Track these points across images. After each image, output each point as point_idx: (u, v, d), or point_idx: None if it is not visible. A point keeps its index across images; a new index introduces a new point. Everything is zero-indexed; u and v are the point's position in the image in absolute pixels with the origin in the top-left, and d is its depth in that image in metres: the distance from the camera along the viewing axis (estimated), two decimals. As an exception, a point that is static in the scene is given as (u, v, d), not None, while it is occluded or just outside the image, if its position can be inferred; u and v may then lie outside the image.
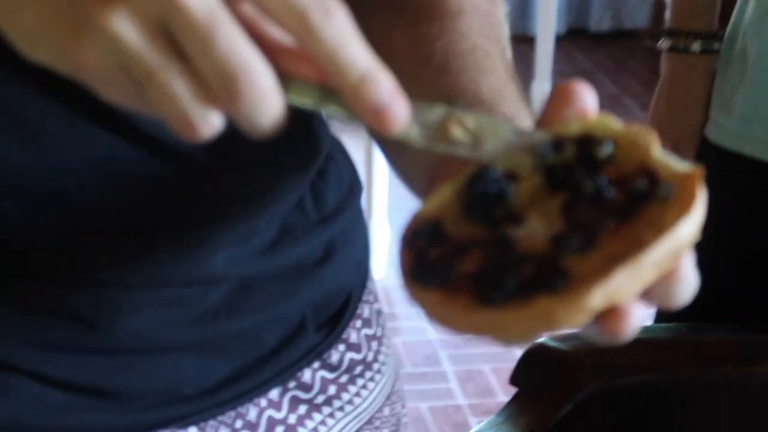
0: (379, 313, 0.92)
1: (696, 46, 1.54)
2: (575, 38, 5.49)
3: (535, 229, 0.52)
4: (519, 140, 0.54)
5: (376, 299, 0.93)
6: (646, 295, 0.52)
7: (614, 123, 0.55)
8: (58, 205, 0.72)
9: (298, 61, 0.52)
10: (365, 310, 0.90)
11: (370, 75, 0.50)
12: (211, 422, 0.80)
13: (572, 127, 0.55)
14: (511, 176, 0.54)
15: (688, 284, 0.52)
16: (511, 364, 1.06)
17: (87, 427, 0.76)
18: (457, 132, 0.53)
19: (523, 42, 4.98)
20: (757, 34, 1.42)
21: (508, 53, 0.74)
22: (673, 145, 1.56)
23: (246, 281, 0.80)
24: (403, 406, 0.95)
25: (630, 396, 1.02)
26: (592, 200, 0.52)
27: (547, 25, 4.38)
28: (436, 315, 0.53)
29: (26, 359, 0.74)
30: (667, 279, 0.51)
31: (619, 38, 5.55)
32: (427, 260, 0.54)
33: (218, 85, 0.49)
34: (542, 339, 1.03)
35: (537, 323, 0.49)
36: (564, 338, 1.04)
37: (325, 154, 0.85)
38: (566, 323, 0.49)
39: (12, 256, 0.72)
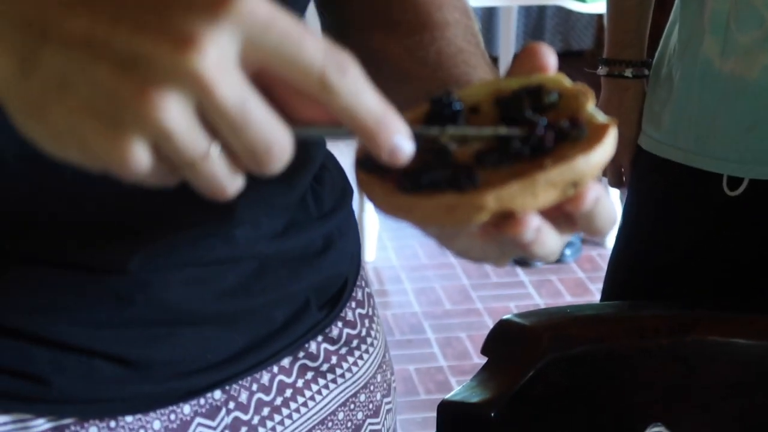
0: (369, 295, 0.92)
1: (628, 72, 1.55)
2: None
3: (472, 148, 0.53)
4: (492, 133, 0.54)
5: (367, 284, 0.92)
6: (572, 223, 0.53)
7: (565, 80, 0.56)
8: (94, 207, 0.71)
9: (309, 109, 0.49)
10: (359, 293, 0.90)
11: (383, 120, 0.48)
12: (234, 386, 0.79)
13: (532, 79, 0.56)
14: (474, 109, 0.55)
15: (600, 213, 0.53)
16: (483, 332, 1.06)
17: (130, 396, 0.75)
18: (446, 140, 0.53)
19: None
20: (679, 61, 1.43)
21: (487, 57, 0.74)
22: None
23: (259, 265, 0.79)
24: (392, 374, 0.94)
25: (581, 363, 1.02)
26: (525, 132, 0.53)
27: (507, 46, 4.34)
28: (367, 193, 0.53)
29: (77, 336, 0.73)
30: (573, 204, 0.52)
31: (567, 58, 5.53)
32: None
33: (250, 158, 0.46)
34: (507, 316, 1.03)
35: (440, 212, 0.51)
36: (526, 315, 1.04)
37: (318, 164, 0.85)
38: (466, 218, 0.51)
39: (62, 249, 0.71)
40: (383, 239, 3.47)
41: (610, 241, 3.42)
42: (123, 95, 0.43)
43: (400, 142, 0.48)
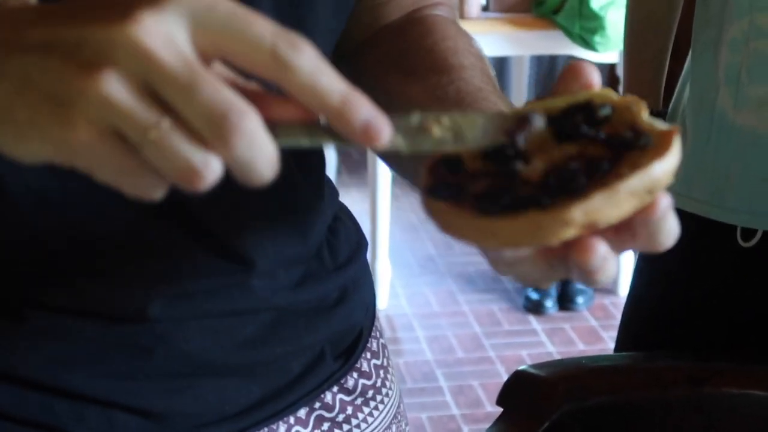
0: (384, 346, 0.92)
1: None
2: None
3: (537, 167, 0.52)
4: (492, 123, 0.53)
5: (381, 335, 0.93)
6: (633, 237, 0.52)
7: (613, 94, 0.55)
8: (113, 254, 0.73)
9: (279, 106, 0.48)
10: (373, 344, 0.90)
11: (349, 97, 0.47)
12: None
13: (579, 96, 0.55)
14: None
15: (666, 224, 0.52)
16: (496, 380, 1.06)
17: None
18: (437, 131, 0.52)
19: (500, 111, 5.02)
20: (694, 113, 1.43)
21: (505, 97, 0.73)
22: None
23: (276, 316, 0.80)
24: (407, 424, 0.94)
25: (597, 415, 1.02)
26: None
27: (519, 95, 4.39)
28: (442, 222, 0.52)
29: (97, 388, 0.73)
30: (646, 212, 0.51)
31: (580, 107, 5.57)
32: (444, 181, 0.53)
33: (208, 129, 0.45)
34: (523, 367, 1.04)
35: (526, 231, 0.50)
36: (541, 366, 1.04)
37: (332, 215, 0.86)
38: (552, 235, 0.49)
39: (82, 298, 0.72)
40: (395, 287, 3.48)
41: (623, 289, 3.43)
42: (68, 77, 0.45)
43: (373, 118, 0.47)
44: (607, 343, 3.14)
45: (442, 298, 3.43)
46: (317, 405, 0.83)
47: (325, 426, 0.84)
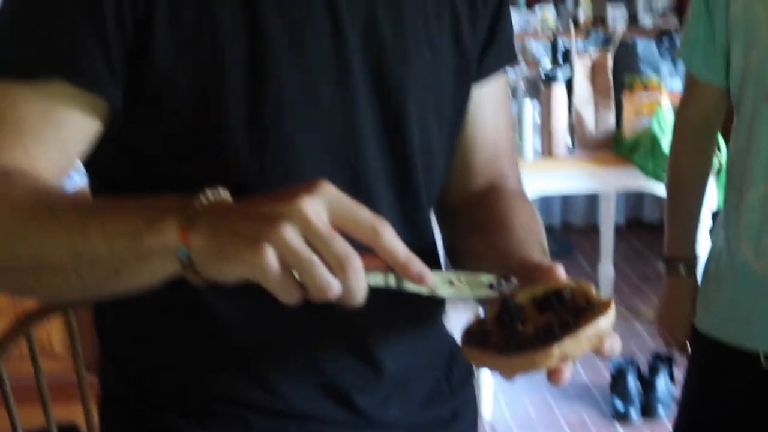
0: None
1: (683, 270, 1.71)
2: (632, 228, 5.40)
3: (528, 328, 0.80)
4: (486, 283, 0.81)
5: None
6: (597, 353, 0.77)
7: (571, 282, 0.83)
8: (286, 357, 0.95)
9: (369, 258, 0.72)
10: None
11: (409, 257, 0.73)
12: None
13: (552, 286, 0.83)
14: (521, 306, 0.82)
15: (611, 353, 0.78)
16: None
17: None
18: (459, 284, 0.80)
19: (591, 231, 4.95)
20: (723, 260, 1.59)
21: (543, 246, 0.99)
22: (670, 331, 1.76)
23: (407, 429, 1.03)
24: None
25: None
26: (562, 314, 0.80)
27: (607, 217, 4.38)
28: (474, 358, 0.80)
29: None
30: (599, 348, 0.77)
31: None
32: (473, 338, 0.81)
33: (336, 265, 0.69)
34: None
35: (528, 363, 0.76)
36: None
37: (449, 351, 1.09)
38: (542, 364, 0.75)
39: (283, 400, 0.95)
40: (497, 396, 3.51)
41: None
42: (263, 227, 0.70)
43: (422, 273, 0.75)
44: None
45: (539, 406, 3.45)
46: None
47: None
